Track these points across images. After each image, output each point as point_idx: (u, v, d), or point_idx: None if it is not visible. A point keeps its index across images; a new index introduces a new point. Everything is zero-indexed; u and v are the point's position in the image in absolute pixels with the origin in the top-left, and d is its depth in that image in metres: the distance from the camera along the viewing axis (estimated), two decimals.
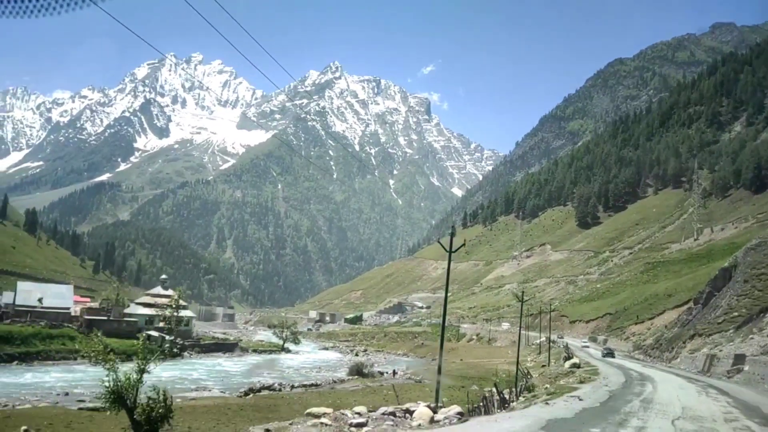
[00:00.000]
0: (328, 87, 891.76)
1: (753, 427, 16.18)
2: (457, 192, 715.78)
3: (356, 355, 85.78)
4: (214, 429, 21.29)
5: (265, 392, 38.42)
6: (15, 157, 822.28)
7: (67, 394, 36.32)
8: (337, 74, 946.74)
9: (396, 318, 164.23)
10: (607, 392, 24.59)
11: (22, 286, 67.02)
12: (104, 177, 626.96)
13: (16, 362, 48.14)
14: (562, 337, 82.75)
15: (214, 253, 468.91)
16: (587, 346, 72.90)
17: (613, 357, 55.91)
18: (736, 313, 47.05)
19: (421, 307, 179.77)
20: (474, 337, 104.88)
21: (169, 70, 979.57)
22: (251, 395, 36.47)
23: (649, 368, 44.03)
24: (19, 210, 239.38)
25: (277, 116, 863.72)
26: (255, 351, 68.93)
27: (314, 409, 22.72)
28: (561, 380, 34.74)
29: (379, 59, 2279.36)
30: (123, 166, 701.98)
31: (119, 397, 14.85)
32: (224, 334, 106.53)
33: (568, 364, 45.06)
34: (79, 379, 42.54)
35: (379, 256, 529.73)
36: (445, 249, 26.32)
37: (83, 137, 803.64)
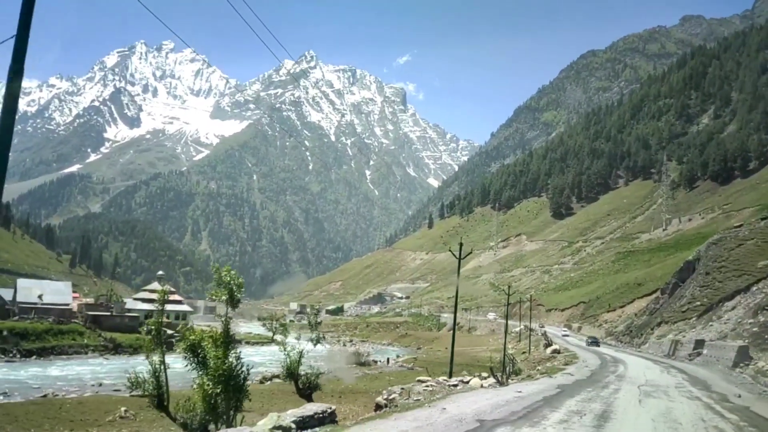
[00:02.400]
0: (303, 77, 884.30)
1: (694, 391, 21.95)
2: (433, 182, 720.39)
3: (343, 345, 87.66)
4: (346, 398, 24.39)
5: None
6: None
7: (101, 384, 38.67)
8: (312, 63, 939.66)
9: (377, 308, 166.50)
10: (589, 371, 30.10)
11: (22, 283, 67.27)
12: (74, 168, 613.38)
13: (34, 357, 49.51)
14: (543, 326, 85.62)
15: (189, 245, 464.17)
16: (567, 335, 75.21)
17: (598, 346, 55.87)
18: (698, 303, 50.50)
19: (401, 298, 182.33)
20: None
21: (140, 59, 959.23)
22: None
23: (620, 353, 48.25)
24: None
25: (252, 106, 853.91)
26: (248, 343, 70.48)
27: (422, 377, 29.03)
28: (546, 364, 37.56)
29: (355, 49, 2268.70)
30: (93, 157, 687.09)
31: (290, 372, 21.49)
32: (208, 327, 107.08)
33: (549, 350, 47.73)
34: (99, 372, 44.90)
35: (357, 246, 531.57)
36: (455, 256, 29.29)
37: (51, 127, 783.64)
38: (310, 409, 11.85)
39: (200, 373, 16.16)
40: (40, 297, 62.22)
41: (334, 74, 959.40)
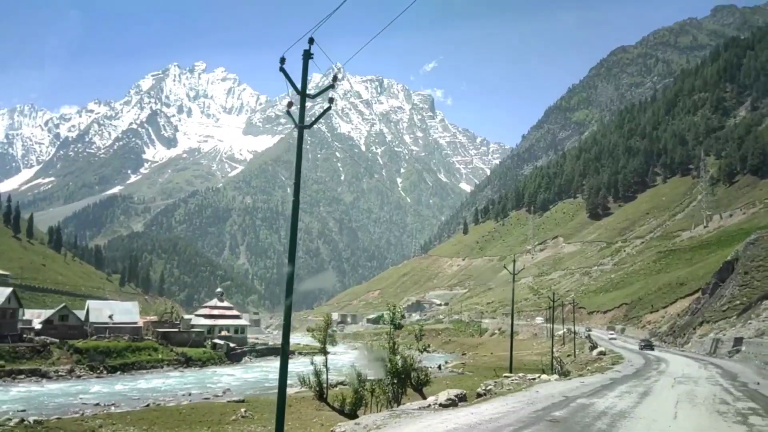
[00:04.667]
0: (331, 89, 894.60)
1: (720, 380, 25.23)
2: (465, 187, 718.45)
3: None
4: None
5: None
6: (26, 174, 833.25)
7: (190, 394, 42.12)
8: (340, 75, 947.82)
9: (416, 316, 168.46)
10: (634, 369, 33.47)
11: (93, 304, 72.19)
12: (116, 189, 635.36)
13: (118, 372, 53.53)
14: (590, 330, 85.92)
15: (228, 260, 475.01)
16: (614, 338, 73.94)
17: (652, 349, 53.78)
18: (737, 302, 51.54)
19: (440, 305, 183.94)
20: (496, 331, 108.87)
21: (173, 80, 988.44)
22: None
23: (664, 353, 50.28)
24: (37, 226, 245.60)
25: (283, 120, 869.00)
26: (300, 353, 73.82)
27: (520, 370, 34.20)
28: (594, 364, 39.64)
29: (381, 58, 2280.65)
30: (133, 178, 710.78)
31: (397, 372, 23.14)
32: (256, 339, 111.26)
33: (595, 352, 49.36)
34: (182, 383, 48.86)
35: (391, 255, 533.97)
36: (509, 272, 32.07)
37: (92, 151, 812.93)
38: (453, 392, 17.42)
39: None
40: (110, 317, 66.85)
41: (362, 85, 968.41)
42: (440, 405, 16.32)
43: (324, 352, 24.83)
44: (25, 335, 54.46)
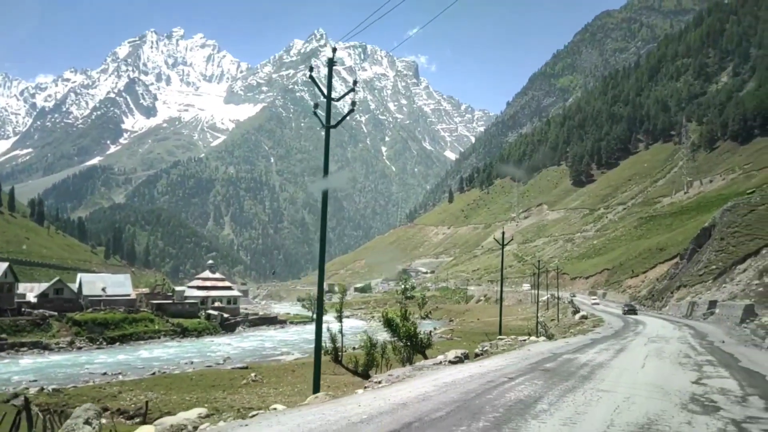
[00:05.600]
0: (313, 56, 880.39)
1: (690, 339, 27.84)
2: (450, 155, 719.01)
3: (378, 321, 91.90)
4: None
5: None
6: (3, 145, 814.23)
7: (192, 362, 43.82)
8: (322, 42, 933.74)
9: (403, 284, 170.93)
10: (613, 330, 36.18)
11: (85, 277, 72.62)
12: (95, 160, 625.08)
13: (117, 343, 54.66)
14: (574, 295, 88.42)
15: (212, 231, 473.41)
16: (597, 303, 75.99)
17: (636, 314, 54.07)
18: (713, 267, 53.88)
19: (426, 273, 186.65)
20: (482, 297, 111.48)
21: (151, 48, 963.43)
22: None
23: (642, 316, 52.42)
24: (18, 199, 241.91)
25: (264, 89, 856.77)
26: (292, 323, 75.34)
27: (505, 335, 36.18)
28: (577, 327, 41.72)
29: (364, 24, 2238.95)
30: (113, 149, 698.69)
31: (409, 336, 25.93)
32: (245, 309, 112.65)
33: (577, 316, 51.50)
34: (181, 353, 50.44)
35: (377, 224, 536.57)
36: (499, 243, 33.72)
37: (70, 121, 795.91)
38: (459, 351, 20.38)
39: (393, 335, 27.30)
40: (103, 290, 67.49)
41: (345, 51, 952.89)
42: (449, 362, 18.72)
43: (339, 319, 26.74)
44: (23, 309, 55.10)
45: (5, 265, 56.41)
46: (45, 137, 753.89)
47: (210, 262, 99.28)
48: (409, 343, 25.97)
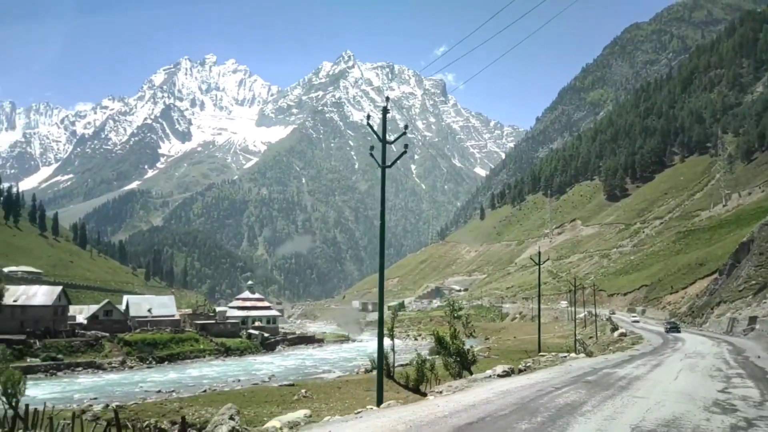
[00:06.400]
0: (342, 77, 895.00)
1: (726, 355, 28.35)
2: (480, 172, 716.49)
3: (415, 339, 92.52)
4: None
5: None
6: (45, 172, 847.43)
7: (239, 380, 45.54)
8: (350, 63, 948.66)
9: (436, 302, 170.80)
10: (652, 347, 37.08)
11: (131, 299, 75.77)
12: (134, 185, 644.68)
13: (166, 362, 57.01)
14: (613, 312, 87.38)
15: (247, 251, 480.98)
16: (637, 320, 74.04)
17: (679, 332, 51.89)
18: (753, 282, 53.06)
19: (459, 290, 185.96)
20: (517, 315, 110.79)
21: (185, 74, 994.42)
22: None
23: (682, 332, 51.59)
24: (61, 223, 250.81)
25: (295, 110, 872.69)
26: (328, 341, 76.60)
27: (543, 352, 37.51)
28: (616, 344, 41.88)
29: (391, 44, 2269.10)
30: (150, 173, 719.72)
31: (459, 353, 27.84)
32: (282, 328, 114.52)
33: (616, 333, 51.25)
34: (227, 371, 52.28)
35: (408, 242, 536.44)
36: (534, 262, 34.65)
37: (109, 147, 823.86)
38: (506, 367, 21.66)
39: (443, 352, 29.08)
40: (149, 311, 70.19)
41: (373, 72, 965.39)
42: (498, 375, 20.40)
43: (391, 337, 28.36)
44: (77, 330, 57.89)
45: (59, 288, 59.42)
46: (85, 163, 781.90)
47: (249, 282, 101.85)
48: (458, 359, 27.96)
